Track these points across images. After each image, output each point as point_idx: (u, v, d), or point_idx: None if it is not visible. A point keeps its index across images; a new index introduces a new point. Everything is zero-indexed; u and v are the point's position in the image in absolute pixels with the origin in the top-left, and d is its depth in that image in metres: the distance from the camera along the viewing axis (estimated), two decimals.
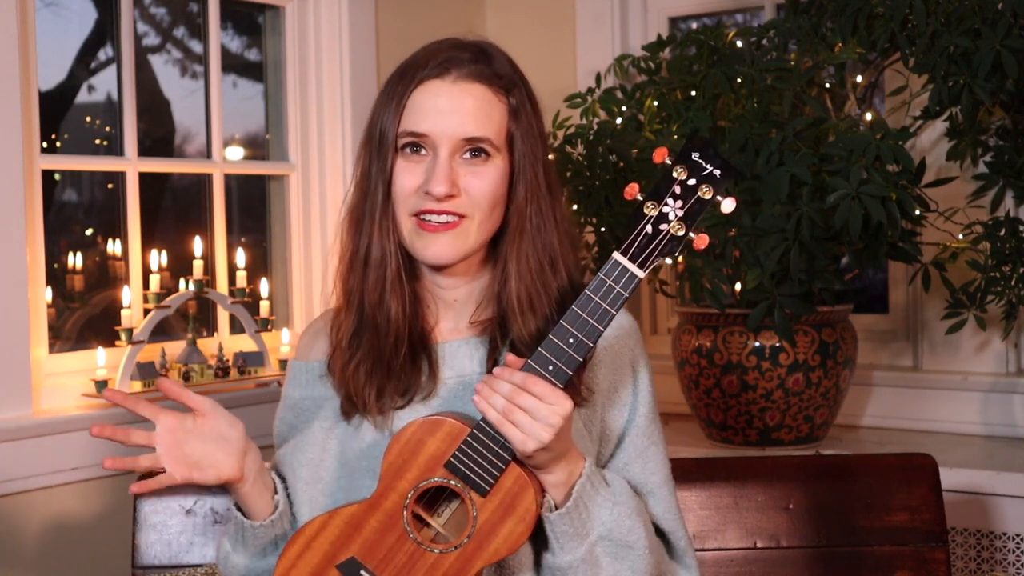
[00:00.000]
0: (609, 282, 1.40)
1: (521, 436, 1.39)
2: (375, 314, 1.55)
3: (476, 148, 1.51)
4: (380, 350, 1.55)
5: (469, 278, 1.60)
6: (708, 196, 1.38)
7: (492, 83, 1.53)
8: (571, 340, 1.40)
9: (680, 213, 1.39)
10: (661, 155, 1.40)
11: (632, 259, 1.40)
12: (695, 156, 1.39)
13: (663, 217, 1.39)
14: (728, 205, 1.39)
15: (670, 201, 1.39)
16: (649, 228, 1.39)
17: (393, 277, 1.55)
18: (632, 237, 1.39)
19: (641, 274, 1.40)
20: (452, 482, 1.44)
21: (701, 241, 1.39)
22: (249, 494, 1.56)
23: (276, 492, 1.60)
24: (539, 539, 1.52)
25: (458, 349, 1.58)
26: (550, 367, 1.41)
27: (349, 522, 1.49)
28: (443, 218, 1.51)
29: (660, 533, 1.63)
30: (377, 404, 1.54)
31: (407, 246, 1.55)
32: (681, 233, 1.39)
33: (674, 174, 1.39)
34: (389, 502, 1.47)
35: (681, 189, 1.39)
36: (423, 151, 1.52)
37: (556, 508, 1.48)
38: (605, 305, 1.40)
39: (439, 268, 1.57)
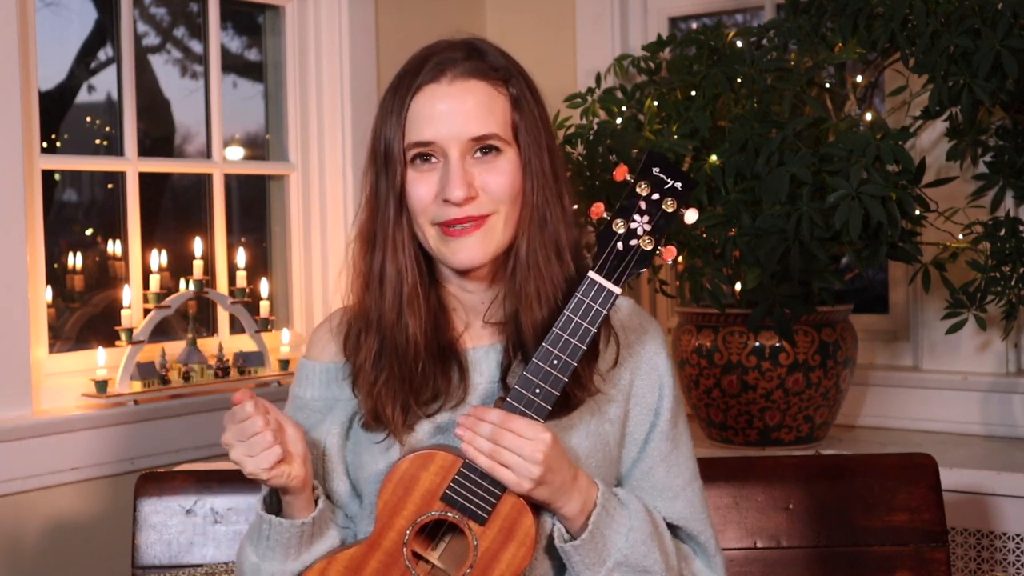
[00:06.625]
0: (587, 301, 1.44)
1: (515, 478, 1.42)
2: (394, 333, 1.53)
3: (485, 146, 1.50)
4: (403, 368, 1.53)
5: (493, 279, 1.58)
6: (672, 209, 1.43)
7: (489, 76, 1.51)
8: (555, 361, 1.43)
9: (648, 228, 1.43)
10: (622, 173, 1.44)
11: (607, 276, 1.44)
12: (656, 171, 1.43)
13: (632, 233, 1.43)
14: (691, 216, 1.44)
15: (636, 217, 1.43)
16: (620, 245, 1.44)
17: (410, 293, 1.53)
18: (605, 255, 1.44)
19: (617, 290, 1.44)
20: (450, 514, 1.45)
21: (668, 253, 1.43)
22: (299, 500, 1.51)
23: (316, 490, 1.54)
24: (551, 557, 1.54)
25: (486, 354, 1.57)
26: (537, 390, 1.43)
27: (349, 566, 1.48)
28: (468, 223, 1.50)
29: (688, 536, 1.61)
30: (404, 420, 1.52)
31: (433, 254, 1.54)
32: (650, 247, 1.43)
33: (637, 190, 1.43)
34: (388, 541, 1.46)
35: (646, 204, 1.43)
36: (433, 159, 1.50)
37: (572, 538, 1.48)
38: (585, 324, 1.44)
39: (465, 272, 1.55)
